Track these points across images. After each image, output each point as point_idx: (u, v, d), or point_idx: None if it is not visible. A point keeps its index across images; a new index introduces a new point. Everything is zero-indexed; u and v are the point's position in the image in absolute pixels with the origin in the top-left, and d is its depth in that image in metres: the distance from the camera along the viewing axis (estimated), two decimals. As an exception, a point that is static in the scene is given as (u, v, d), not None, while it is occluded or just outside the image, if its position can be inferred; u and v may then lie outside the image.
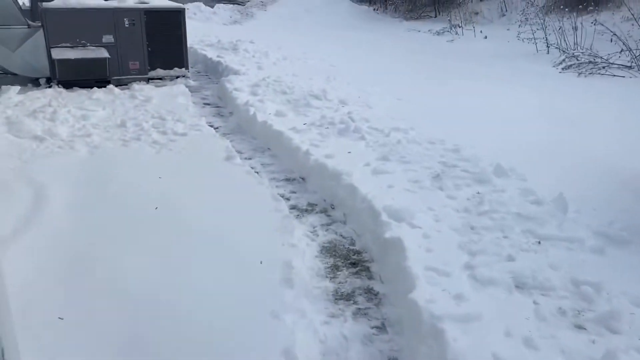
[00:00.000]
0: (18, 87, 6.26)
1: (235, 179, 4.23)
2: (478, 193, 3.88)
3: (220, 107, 6.91)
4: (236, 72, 7.95)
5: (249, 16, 20.28)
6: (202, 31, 12.85)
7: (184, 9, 7.54)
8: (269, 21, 19.31)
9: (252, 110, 5.98)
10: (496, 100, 6.89)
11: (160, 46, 7.54)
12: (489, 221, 3.42)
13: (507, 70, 9.51)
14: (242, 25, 18.75)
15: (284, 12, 20.78)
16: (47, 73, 6.96)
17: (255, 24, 18.93)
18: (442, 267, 2.85)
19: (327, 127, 5.50)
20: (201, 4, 19.29)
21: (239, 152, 5.16)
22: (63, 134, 4.91)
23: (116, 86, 7.32)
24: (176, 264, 2.89)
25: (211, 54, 9.24)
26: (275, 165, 4.94)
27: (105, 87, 7.20)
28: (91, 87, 7.10)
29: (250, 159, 5.08)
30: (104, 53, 6.96)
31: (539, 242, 3.18)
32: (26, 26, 6.80)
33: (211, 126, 6.01)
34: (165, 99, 6.35)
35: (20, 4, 7.43)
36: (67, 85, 6.99)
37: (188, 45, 10.13)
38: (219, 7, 19.91)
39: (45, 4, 6.72)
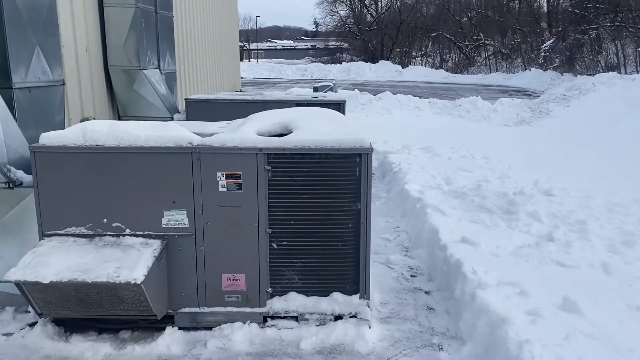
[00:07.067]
0: None
1: None
2: None
3: None
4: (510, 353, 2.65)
5: (542, 113, 14.78)
6: (468, 138, 7.97)
7: (370, 150, 2.78)
8: (572, 122, 13.45)
9: None
10: None
11: (302, 241, 2.90)
12: None
13: None
14: (532, 126, 13.38)
15: (595, 107, 14.59)
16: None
17: (551, 125, 13.33)
18: None
19: None
20: (478, 99, 14.75)
21: None
22: None
23: (190, 329, 2.95)
24: None
25: (449, 229, 3.83)
26: None
27: (164, 329, 2.91)
28: (131, 329, 2.93)
29: None
30: (137, 269, 2.61)
31: None
32: (5, 183, 3.01)
33: None
34: None
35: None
36: (70, 325, 2.89)
37: (410, 191, 5.20)
38: (502, 102, 14.96)
39: (35, 145, 2.83)
